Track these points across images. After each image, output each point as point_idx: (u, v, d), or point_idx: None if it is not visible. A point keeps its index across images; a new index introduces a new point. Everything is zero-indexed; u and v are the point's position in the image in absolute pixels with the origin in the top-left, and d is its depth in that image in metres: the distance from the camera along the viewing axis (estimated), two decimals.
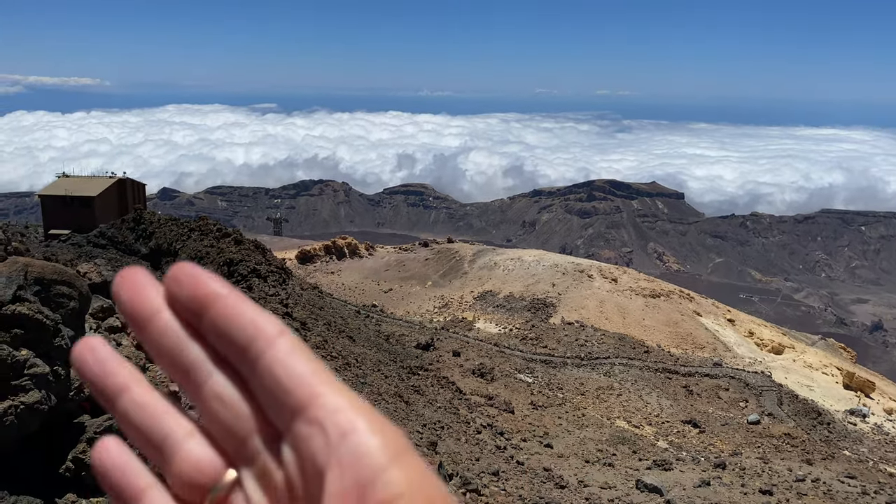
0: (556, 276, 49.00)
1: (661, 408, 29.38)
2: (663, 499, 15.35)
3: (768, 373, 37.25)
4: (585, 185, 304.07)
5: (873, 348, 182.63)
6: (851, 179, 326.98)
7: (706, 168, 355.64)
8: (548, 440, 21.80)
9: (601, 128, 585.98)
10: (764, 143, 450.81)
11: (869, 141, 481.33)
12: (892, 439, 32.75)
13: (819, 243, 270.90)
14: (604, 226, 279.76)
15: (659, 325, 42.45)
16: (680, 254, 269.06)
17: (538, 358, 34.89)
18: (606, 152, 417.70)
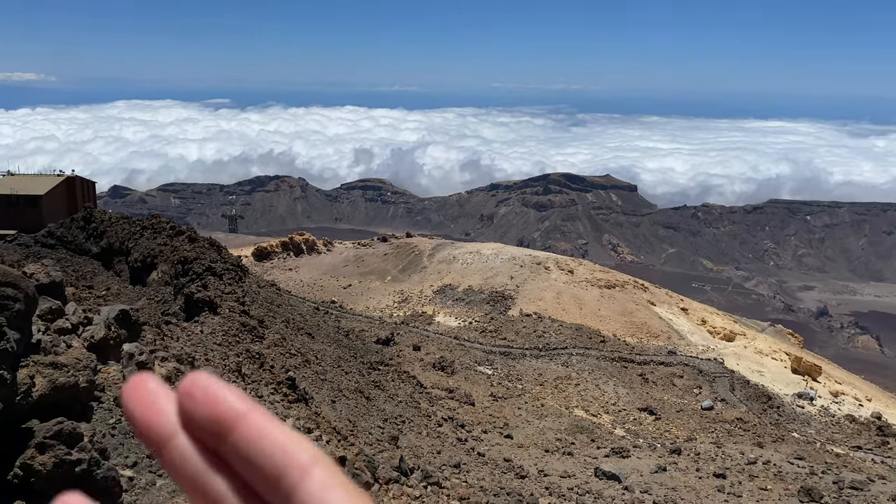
0: (514, 268, 49.36)
1: (618, 396, 29.91)
2: (621, 485, 15.64)
3: (721, 360, 38.19)
4: (541, 178, 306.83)
5: (819, 333, 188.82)
6: (797, 170, 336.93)
7: (658, 161, 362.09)
8: (508, 431, 22.01)
9: (556, 122, 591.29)
10: (714, 136, 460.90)
11: (813, 133, 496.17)
12: (838, 421, 33.93)
13: (767, 233, 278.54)
14: (560, 218, 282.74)
15: (614, 315, 43.14)
16: (634, 245, 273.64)
17: (497, 350, 35.16)
18: (561, 146, 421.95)
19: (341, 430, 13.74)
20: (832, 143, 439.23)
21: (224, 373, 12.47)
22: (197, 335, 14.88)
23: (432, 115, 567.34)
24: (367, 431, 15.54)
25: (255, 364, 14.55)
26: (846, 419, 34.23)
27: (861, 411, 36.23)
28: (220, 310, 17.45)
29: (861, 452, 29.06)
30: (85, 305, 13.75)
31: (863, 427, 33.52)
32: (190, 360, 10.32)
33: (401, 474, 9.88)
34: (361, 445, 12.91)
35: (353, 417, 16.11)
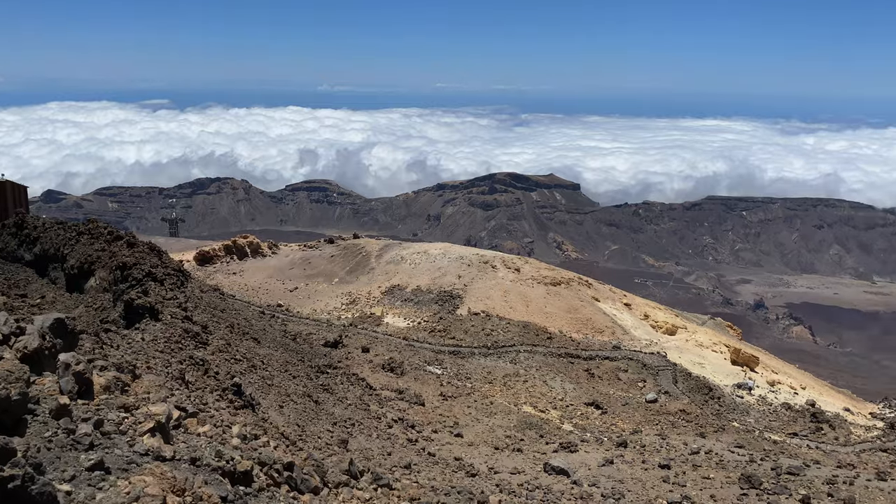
0: (462, 267, 49.58)
1: (565, 391, 30.36)
2: (570, 480, 15.87)
3: (663, 353, 39.13)
4: (487, 178, 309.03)
5: (756, 325, 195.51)
6: (733, 168, 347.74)
7: (600, 159, 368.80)
8: (458, 430, 22.08)
9: (500, 122, 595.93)
10: (653, 135, 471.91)
11: (748, 131, 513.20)
12: (775, 409, 35.19)
13: (706, 228, 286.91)
14: (506, 217, 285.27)
15: (560, 312, 43.76)
16: (578, 242, 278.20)
17: (447, 349, 35.24)
18: (506, 146, 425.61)
19: (289, 435, 13.57)
20: (765, 140, 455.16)
21: (167, 381, 12.18)
22: (138, 342, 14.49)
23: (377, 116, 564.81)
24: (316, 436, 15.39)
25: (199, 371, 14.25)
26: (783, 407, 35.52)
27: (796, 399, 37.66)
28: (161, 316, 17.02)
29: (797, 439, 30.22)
30: (18, 315, 13.23)
31: (798, 414, 34.85)
32: (130, 369, 10.04)
33: (350, 477, 9.83)
34: (310, 450, 12.78)
35: (301, 422, 15.93)
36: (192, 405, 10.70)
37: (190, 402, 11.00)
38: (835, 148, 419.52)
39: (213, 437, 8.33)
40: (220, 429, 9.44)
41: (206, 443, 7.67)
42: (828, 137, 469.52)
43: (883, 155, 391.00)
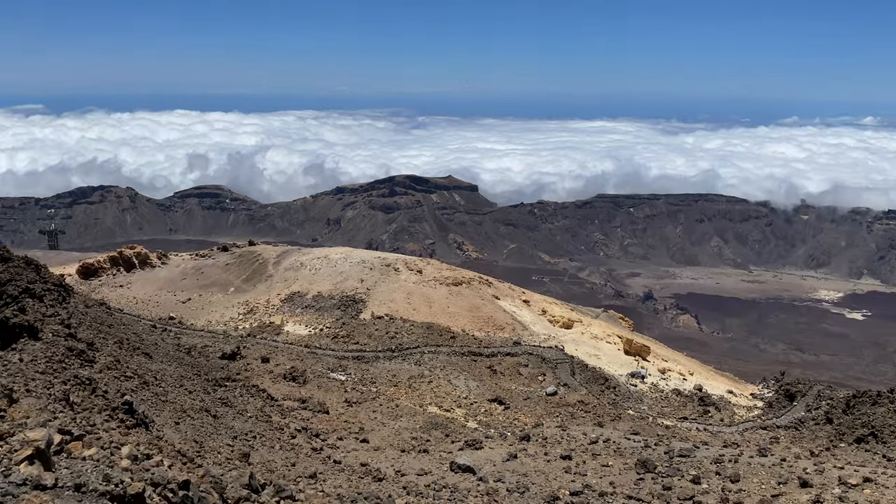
0: (364, 271, 49.22)
1: (469, 389, 30.73)
2: (476, 477, 16.06)
3: (561, 346, 40.32)
4: (387, 181, 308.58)
5: (646, 316, 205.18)
6: (620, 167, 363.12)
7: (496, 161, 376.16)
8: (363, 435, 21.91)
9: (397, 124, 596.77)
10: (545, 136, 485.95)
11: (632, 132, 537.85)
12: (666, 396, 37.02)
13: (597, 225, 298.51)
14: (407, 220, 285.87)
15: (462, 311, 44.28)
16: (477, 242, 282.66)
17: (350, 355, 34.87)
18: (404, 148, 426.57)
19: (186, 452, 13.03)
20: (648, 140, 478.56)
21: (49, 403, 11.41)
22: (15, 364, 13.48)
23: (270, 119, 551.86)
24: (215, 451, 14.85)
25: (85, 391, 13.43)
26: (673, 393, 37.42)
27: (685, 385, 39.77)
28: (41, 334, 15.91)
29: (687, 423, 31.92)
30: None
31: (687, 399, 36.83)
32: (6, 393, 9.34)
33: (251, 492, 9.55)
34: (209, 466, 12.32)
35: (199, 438, 15.33)
36: (78, 427, 10.08)
37: (75, 425, 10.36)
38: (711, 146, 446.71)
39: (101, 460, 7.88)
40: (109, 451, 8.94)
41: (92, 467, 7.24)
42: (705, 136, 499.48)
43: (754, 152, 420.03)
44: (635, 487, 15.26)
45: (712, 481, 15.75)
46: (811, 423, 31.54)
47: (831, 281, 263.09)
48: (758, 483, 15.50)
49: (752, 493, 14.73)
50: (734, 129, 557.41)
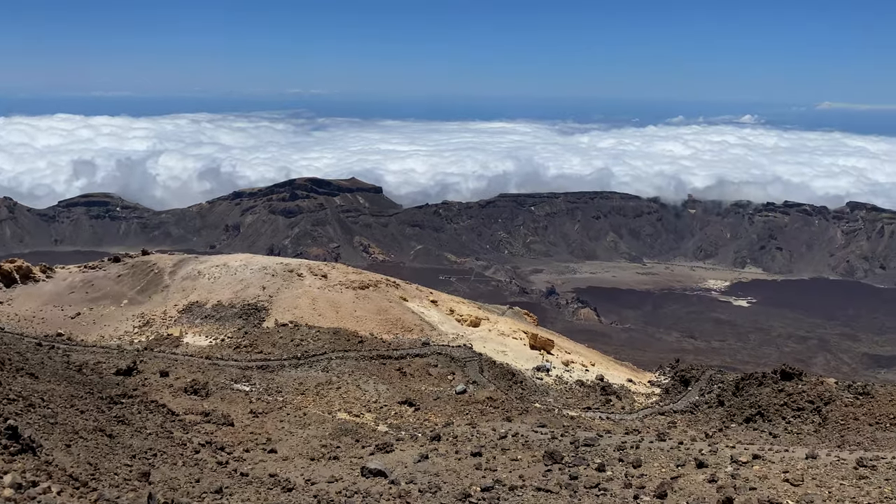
0: (266, 278, 47.98)
1: (379, 393, 30.57)
2: (388, 480, 16.00)
3: (469, 345, 40.77)
4: (287, 184, 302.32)
5: (549, 311, 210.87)
6: (520, 166, 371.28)
7: (399, 162, 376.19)
8: (271, 446, 21.38)
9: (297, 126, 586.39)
10: (447, 137, 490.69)
11: (530, 132, 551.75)
12: (570, 387, 38.14)
13: (500, 224, 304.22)
14: (309, 224, 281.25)
15: (370, 315, 43.96)
16: (384, 244, 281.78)
17: (254, 365, 33.92)
18: (304, 150, 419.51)
19: (79, 475, 12.29)
20: (546, 140, 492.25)
21: None
22: None
23: (162, 122, 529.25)
24: (111, 473, 14.08)
25: None
26: (577, 384, 38.59)
27: (588, 376, 41.11)
28: None
29: (590, 412, 33.02)
30: None
31: (590, 389, 38.09)
32: None
33: None
34: (104, 489, 11.67)
35: (93, 460, 14.49)
36: None
37: None
38: (605, 145, 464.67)
39: None
40: None
41: None
42: (599, 136, 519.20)
43: (644, 150, 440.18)
44: (544, 479, 15.63)
45: (616, 468, 16.34)
46: (705, 407, 33.34)
47: (718, 271, 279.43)
48: (658, 466, 16.22)
49: (653, 477, 15.39)
50: (625, 128, 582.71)
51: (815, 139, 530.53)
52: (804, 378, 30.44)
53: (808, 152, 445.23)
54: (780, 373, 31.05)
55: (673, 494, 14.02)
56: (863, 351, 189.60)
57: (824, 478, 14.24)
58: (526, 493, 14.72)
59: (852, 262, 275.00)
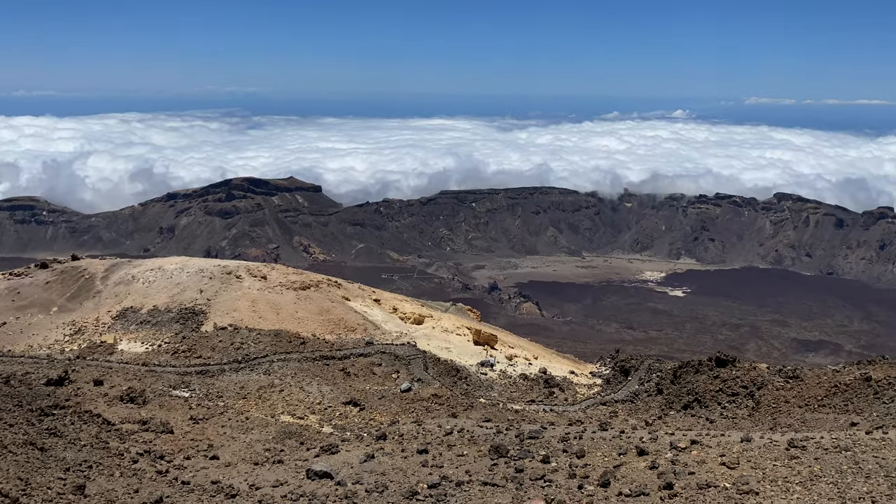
0: (204, 281, 46.87)
1: (323, 394, 30.26)
2: (333, 481, 15.89)
3: (413, 342, 40.75)
4: (223, 184, 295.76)
5: (492, 306, 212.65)
6: (460, 163, 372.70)
7: (339, 160, 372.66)
8: (213, 452, 20.92)
9: (232, 125, 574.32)
10: (386, 135, 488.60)
11: (470, 129, 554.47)
12: (514, 381, 38.56)
13: (442, 221, 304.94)
14: (247, 224, 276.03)
15: (312, 316, 43.45)
16: (324, 244, 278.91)
17: (194, 370, 33.09)
18: (240, 150, 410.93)
19: (9, 492, 11.78)
20: (485, 137, 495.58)
21: None
22: None
23: (89, 122, 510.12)
24: (44, 487, 13.53)
25: None
26: (520, 378, 39.04)
27: (531, 369, 41.64)
28: None
29: (534, 405, 33.45)
30: None
31: (533, 383, 38.58)
32: None
33: None
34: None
35: (24, 475, 13.90)
36: None
37: None
38: (543, 141, 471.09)
39: None
40: None
41: None
42: (536, 132, 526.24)
43: (581, 146, 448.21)
44: (490, 473, 15.77)
45: (560, 459, 16.62)
46: (644, 395, 34.21)
47: (654, 262, 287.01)
48: (601, 456, 16.58)
49: (596, 466, 15.72)
50: (562, 124, 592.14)
51: (743, 132, 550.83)
52: (738, 364, 31.56)
53: (737, 145, 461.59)
54: (714, 360, 32.11)
55: (615, 482, 14.35)
56: (792, 336, 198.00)
57: (758, 460, 14.81)
58: (472, 488, 14.83)
59: (780, 251, 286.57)
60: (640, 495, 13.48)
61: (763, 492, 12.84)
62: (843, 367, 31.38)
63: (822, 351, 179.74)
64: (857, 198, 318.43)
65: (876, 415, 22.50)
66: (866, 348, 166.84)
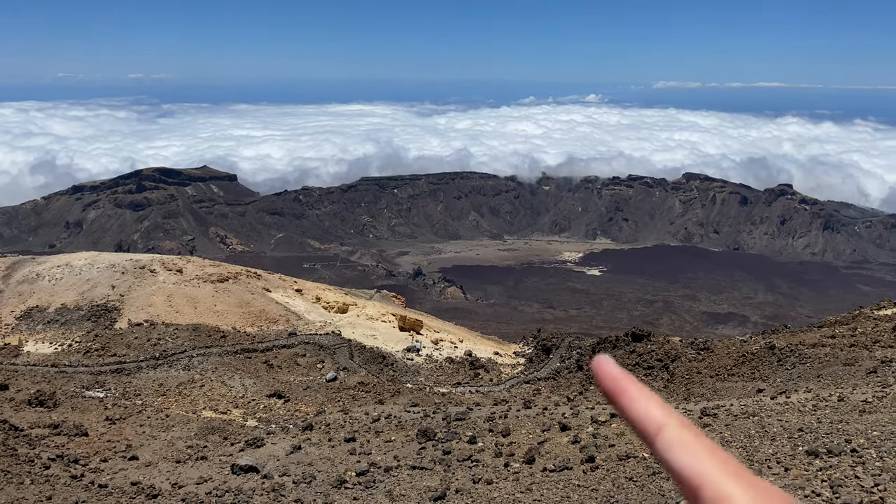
0: (115, 276, 44.98)
1: (246, 388, 29.69)
2: (260, 475, 15.68)
3: (338, 331, 40.50)
4: (133, 175, 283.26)
5: (417, 292, 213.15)
6: (381, 149, 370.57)
7: (254, 148, 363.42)
8: (132, 452, 20.24)
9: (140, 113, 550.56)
10: (303, 121, 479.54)
11: (389, 114, 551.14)
12: (440, 365, 38.94)
13: (364, 208, 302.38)
14: (160, 216, 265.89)
15: (231, 308, 42.47)
16: (242, 234, 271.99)
17: (108, 369, 31.79)
18: (151, 139, 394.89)
19: None
20: (405, 122, 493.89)
21: None
22: None
23: None
24: None
25: None
26: (446, 361, 39.45)
27: (456, 352, 42.12)
28: None
29: (461, 387, 33.90)
30: None
31: (459, 365, 39.06)
32: None
33: None
34: None
35: None
36: None
37: None
38: (462, 126, 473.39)
39: None
40: None
41: None
42: (456, 117, 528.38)
43: (500, 131, 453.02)
44: (418, 457, 15.91)
45: (486, 438, 16.94)
46: (566, 372, 35.20)
47: (572, 243, 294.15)
48: (525, 433, 16.98)
49: (521, 444, 16.09)
50: (481, 109, 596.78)
51: (653, 115, 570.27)
52: (652, 338, 32.87)
53: (647, 128, 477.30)
54: (631, 335, 33.33)
55: (540, 458, 14.74)
56: (702, 310, 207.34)
57: None
58: (401, 473, 14.93)
59: (690, 228, 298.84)
60: (564, 469, 13.91)
61: None
62: (750, 338, 33.22)
63: (731, 323, 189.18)
64: (759, 176, 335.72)
65: (780, 380, 23.94)
66: (770, 318, 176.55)
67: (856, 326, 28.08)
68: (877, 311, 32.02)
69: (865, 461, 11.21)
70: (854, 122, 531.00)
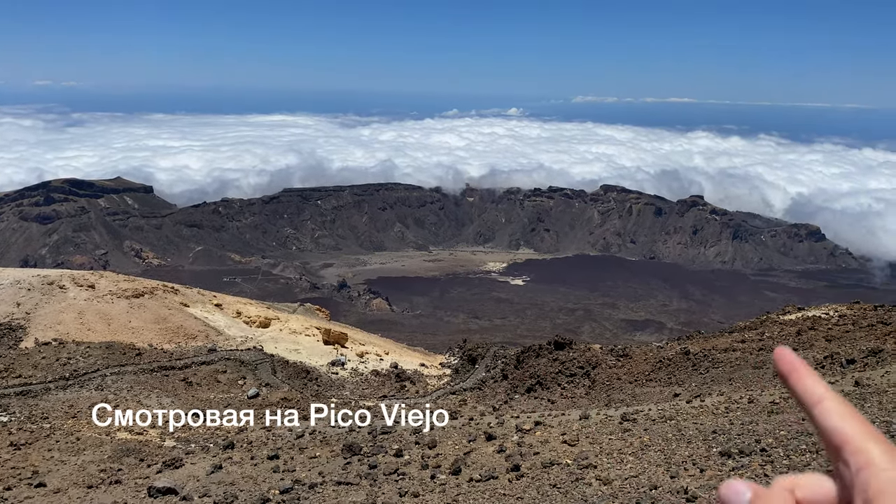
0: (21, 293, 42.58)
1: (163, 407, 28.65)
2: (179, 497, 15.16)
3: (260, 346, 39.61)
4: (41, 186, 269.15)
5: (342, 304, 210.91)
6: (303, 160, 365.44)
7: (171, 159, 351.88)
8: (39, 479, 19.19)
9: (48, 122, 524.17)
10: (223, 131, 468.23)
11: (312, 125, 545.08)
12: (366, 378, 38.63)
13: (286, 220, 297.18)
14: (70, 230, 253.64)
15: (147, 325, 40.90)
16: (158, 248, 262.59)
17: (12, 391, 30.02)
18: (60, 149, 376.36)
19: None
20: (328, 133, 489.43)
21: None
22: None
23: None
24: None
25: None
26: (372, 374, 39.17)
27: (382, 365, 41.90)
28: None
29: (387, 400, 33.70)
30: None
31: (385, 378, 38.86)
32: None
33: None
34: None
35: None
36: None
37: None
38: (386, 138, 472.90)
39: None
40: None
41: None
42: (380, 129, 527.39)
43: (423, 142, 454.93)
44: (343, 472, 15.75)
45: (413, 451, 16.92)
46: (491, 382, 35.57)
47: (496, 253, 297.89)
48: (451, 444, 17.07)
49: (447, 455, 16.16)
50: (405, 121, 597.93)
51: (572, 129, 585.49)
52: (574, 346, 33.67)
53: (566, 141, 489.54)
54: (553, 343, 34.03)
55: (466, 469, 14.84)
56: (621, 317, 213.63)
57: (596, 435, 15.93)
58: (326, 489, 14.74)
59: (608, 238, 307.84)
60: (490, 479, 14.06)
61: (601, 464, 13.85)
62: (666, 344, 34.51)
63: (648, 329, 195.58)
64: (672, 187, 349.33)
65: (694, 384, 24.95)
66: (685, 325, 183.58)
67: (764, 331, 29.60)
68: (782, 315, 33.87)
69: (774, 460, 11.83)
70: (759, 136, 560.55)
